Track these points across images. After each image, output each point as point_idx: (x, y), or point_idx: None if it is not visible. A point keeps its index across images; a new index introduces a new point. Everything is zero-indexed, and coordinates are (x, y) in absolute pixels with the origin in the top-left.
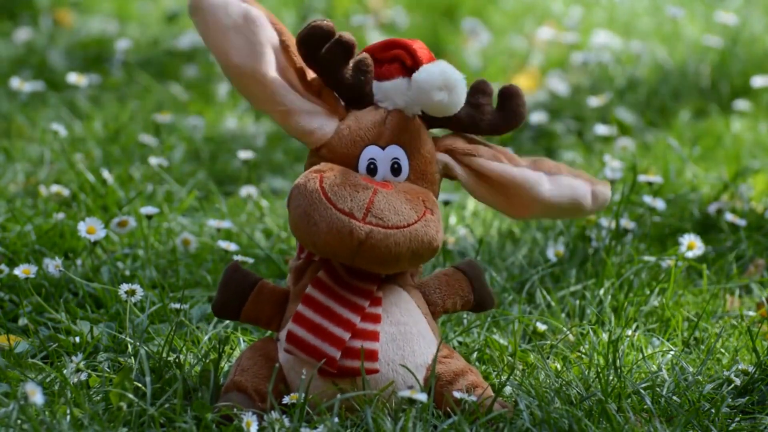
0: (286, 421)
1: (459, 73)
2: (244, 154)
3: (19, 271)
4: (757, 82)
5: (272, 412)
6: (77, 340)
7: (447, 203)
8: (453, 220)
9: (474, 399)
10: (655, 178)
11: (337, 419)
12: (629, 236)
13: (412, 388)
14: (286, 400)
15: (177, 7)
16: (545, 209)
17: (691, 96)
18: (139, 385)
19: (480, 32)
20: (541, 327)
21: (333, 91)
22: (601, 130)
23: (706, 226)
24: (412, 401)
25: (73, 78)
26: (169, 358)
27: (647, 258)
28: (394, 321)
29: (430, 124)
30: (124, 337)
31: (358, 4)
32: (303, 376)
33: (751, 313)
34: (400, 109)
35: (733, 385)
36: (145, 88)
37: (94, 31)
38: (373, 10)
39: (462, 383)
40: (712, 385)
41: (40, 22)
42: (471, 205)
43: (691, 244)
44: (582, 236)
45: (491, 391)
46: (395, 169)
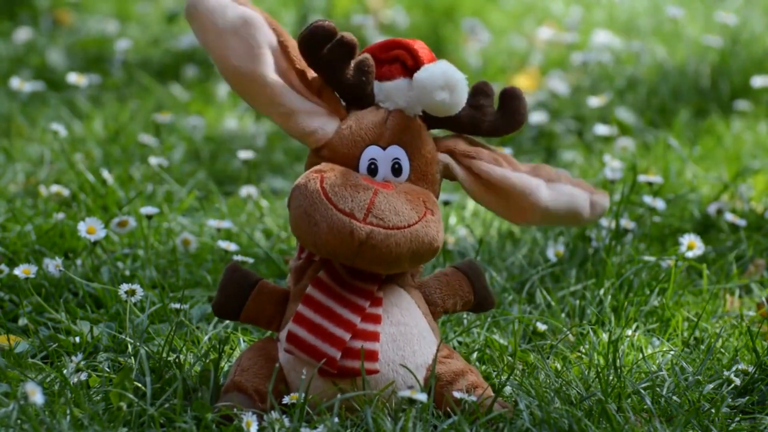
0: (286, 421)
1: (460, 73)
2: (244, 154)
3: (19, 271)
4: (757, 82)
5: (272, 412)
6: (77, 340)
7: (447, 203)
8: (453, 220)
9: (474, 399)
10: (655, 178)
11: (337, 419)
12: (629, 236)
13: (412, 388)
14: (286, 400)
15: (177, 7)
16: (543, 216)
17: (691, 96)
18: (139, 385)
19: (480, 32)
20: (541, 327)
21: (334, 92)
22: (601, 130)
23: (706, 226)
24: (412, 401)
25: (73, 78)
26: (169, 358)
27: (647, 258)
28: (395, 321)
29: (431, 124)
30: (124, 337)
31: (358, 4)
32: (303, 376)
33: (751, 313)
34: (402, 109)
35: (733, 385)
36: (145, 88)
37: (94, 31)
38: (373, 10)
39: (462, 383)
40: (712, 385)
41: (40, 22)
42: (471, 205)
43: (691, 244)
44: (582, 236)
45: (491, 392)
46: (396, 170)
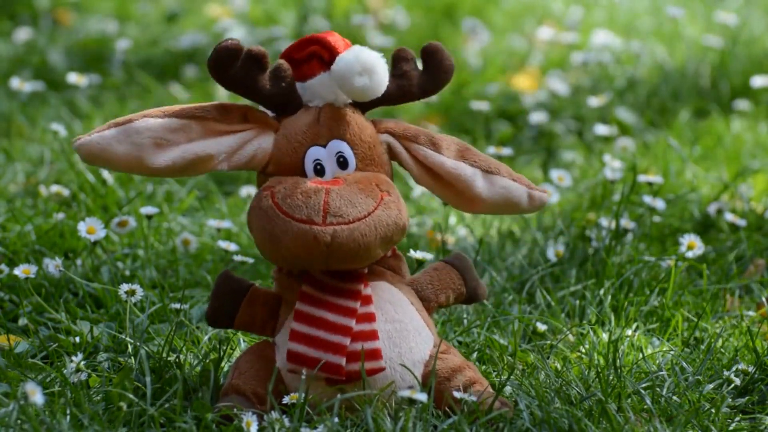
0: (286, 421)
1: (375, 53)
2: None
3: (19, 271)
4: (757, 82)
5: (272, 412)
6: (77, 340)
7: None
8: (453, 220)
9: (474, 399)
10: (655, 178)
11: (337, 419)
12: (629, 236)
13: (412, 387)
14: (286, 400)
15: (177, 7)
16: (483, 205)
17: (691, 96)
18: (139, 385)
19: (480, 32)
20: (541, 327)
21: (259, 110)
22: (601, 130)
23: (706, 226)
24: (412, 401)
25: (73, 78)
26: (169, 358)
27: (647, 258)
28: (389, 318)
29: (364, 107)
30: (124, 337)
31: (358, 4)
32: (303, 377)
33: (751, 313)
34: (330, 103)
35: (733, 385)
36: (145, 88)
37: (94, 31)
38: (373, 10)
39: (459, 379)
40: (712, 385)
41: (40, 22)
42: None
43: (691, 244)
44: (582, 236)
45: (489, 387)
46: (342, 163)
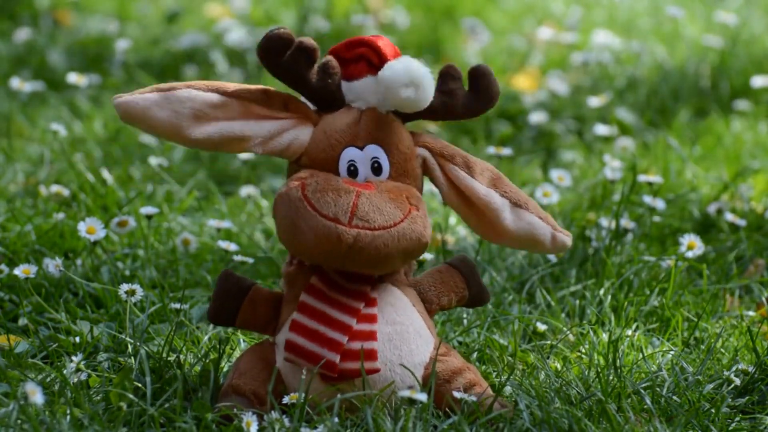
0: (286, 421)
1: (424, 67)
2: (244, 155)
3: (19, 271)
4: (757, 82)
5: (272, 412)
6: (77, 340)
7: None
8: (453, 220)
9: (474, 399)
10: (655, 178)
11: (337, 419)
12: (629, 236)
13: (411, 388)
14: (286, 400)
15: (177, 7)
16: (507, 237)
17: (691, 96)
18: (139, 385)
19: (480, 32)
20: (541, 327)
21: (301, 101)
22: (601, 130)
23: (706, 226)
24: (412, 401)
25: (73, 78)
26: (169, 358)
27: (647, 258)
28: (390, 320)
29: (405, 118)
30: (124, 337)
31: (358, 4)
32: (303, 377)
33: (751, 313)
34: (374, 107)
35: (733, 385)
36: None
37: (94, 31)
38: (373, 10)
39: (460, 381)
40: (712, 385)
41: (40, 22)
42: None
43: (691, 244)
44: (582, 236)
45: (489, 389)
46: (376, 169)
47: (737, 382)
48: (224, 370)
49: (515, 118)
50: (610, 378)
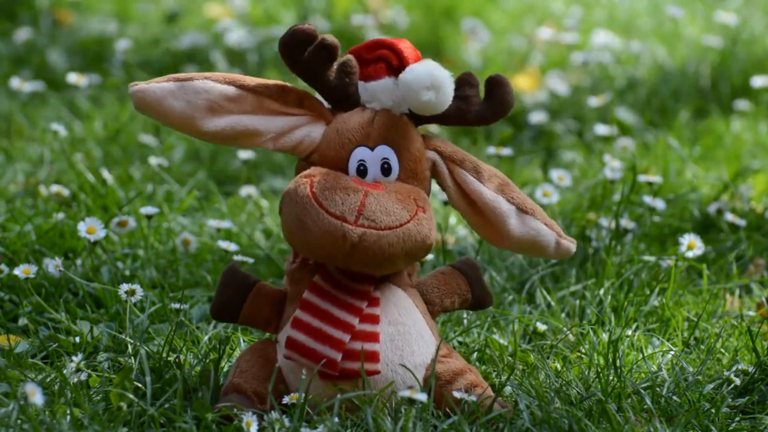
0: (286, 421)
1: (446, 71)
2: (244, 154)
3: (19, 271)
4: (757, 82)
5: (272, 412)
6: (77, 340)
7: (447, 203)
8: (453, 220)
9: (474, 399)
10: (655, 178)
11: (337, 419)
12: (629, 236)
13: (411, 388)
14: (286, 400)
15: (177, 7)
16: (511, 242)
17: (691, 96)
18: (139, 385)
19: (480, 32)
20: (541, 327)
21: (316, 98)
22: (601, 130)
23: (706, 226)
24: (412, 401)
25: (73, 78)
26: (169, 358)
27: (647, 258)
28: (393, 321)
29: (418, 121)
30: (124, 337)
31: (358, 4)
32: (303, 377)
33: (751, 313)
34: (388, 108)
35: (733, 385)
36: None
37: (94, 31)
38: (373, 10)
39: (461, 383)
40: (712, 385)
41: (40, 22)
42: None
43: (691, 244)
44: (582, 236)
45: (491, 391)
46: (385, 169)
47: (737, 382)
48: (224, 370)
49: (515, 118)
50: (610, 378)
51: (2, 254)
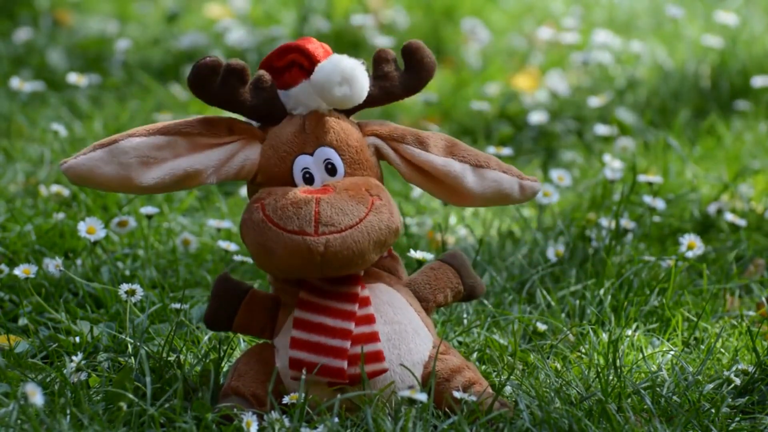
0: (286, 421)
1: (355, 61)
2: None
3: (19, 271)
4: (757, 82)
5: (272, 412)
6: (77, 340)
7: (447, 203)
8: (453, 220)
9: (474, 399)
10: (655, 178)
11: (337, 419)
12: (629, 236)
13: (412, 388)
14: (286, 400)
15: (177, 7)
16: (475, 199)
17: (691, 96)
18: (139, 385)
19: (480, 32)
20: (541, 327)
21: (244, 121)
22: (601, 130)
23: (706, 226)
24: (412, 401)
25: (73, 78)
26: (169, 358)
27: (647, 258)
28: (388, 320)
29: (349, 111)
30: (124, 337)
31: (358, 4)
32: (303, 377)
33: (751, 313)
34: (315, 110)
35: (733, 385)
36: (145, 88)
37: (94, 31)
38: (373, 10)
39: (459, 380)
40: (712, 385)
41: (40, 22)
42: None
43: (691, 244)
44: (582, 236)
45: (489, 388)
46: (330, 170)
47: (737, 382)
48: (224, 370)
49: (515, 118)
50: (610, 378)
51: (2, 254)
